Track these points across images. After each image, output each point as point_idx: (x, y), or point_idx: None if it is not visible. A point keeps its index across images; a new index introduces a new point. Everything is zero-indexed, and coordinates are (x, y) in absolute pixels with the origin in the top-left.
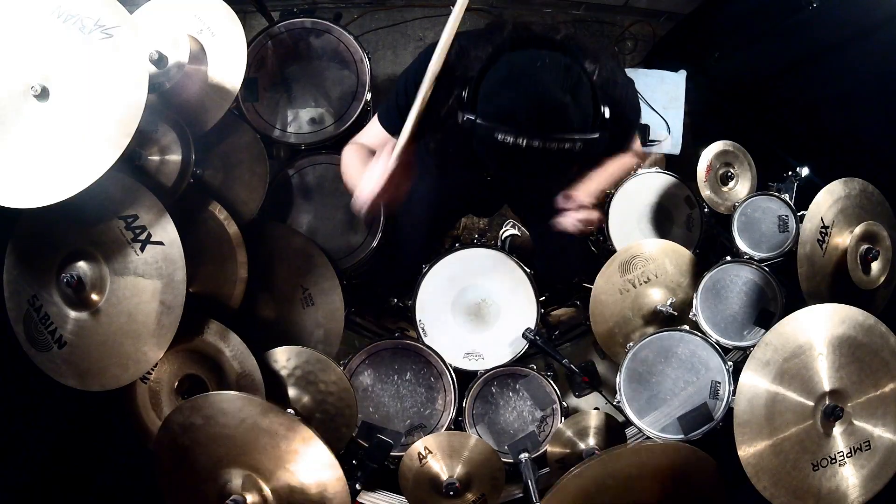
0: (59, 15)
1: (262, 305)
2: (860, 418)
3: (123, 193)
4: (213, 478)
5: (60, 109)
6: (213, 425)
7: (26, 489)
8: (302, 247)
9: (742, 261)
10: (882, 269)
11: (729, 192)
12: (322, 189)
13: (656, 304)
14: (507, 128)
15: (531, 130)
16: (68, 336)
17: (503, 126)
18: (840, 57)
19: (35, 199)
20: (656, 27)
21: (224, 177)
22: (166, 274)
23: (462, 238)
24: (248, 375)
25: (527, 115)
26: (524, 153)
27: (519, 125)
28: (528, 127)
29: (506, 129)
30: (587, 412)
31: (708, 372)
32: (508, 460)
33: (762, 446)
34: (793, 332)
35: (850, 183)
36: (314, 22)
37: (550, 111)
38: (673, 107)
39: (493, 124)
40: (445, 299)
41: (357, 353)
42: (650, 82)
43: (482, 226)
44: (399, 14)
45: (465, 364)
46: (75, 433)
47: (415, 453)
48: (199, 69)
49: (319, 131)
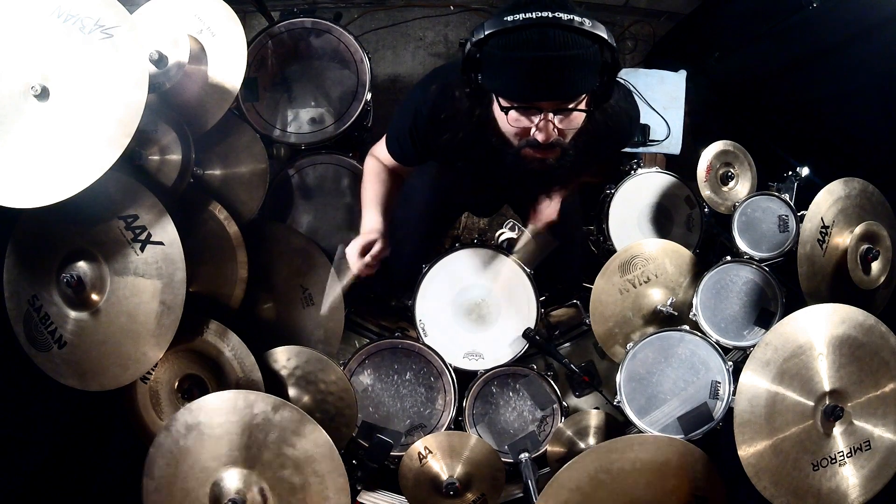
0: (59, 15)
1: (262, 305)
2: (860, 418)
3: (123, 193)
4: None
5: (60, 109)
6: (213, 425)
7: (26, 489)
8: (302, 247)
9: (742, 261)
10: (882, 269)
11: (729, 192)
12: (322, 189)
13: (656, 304)
14: (514, 11)
15: (539, 6)
16: (68, 336)
17: (510, 12)
18: (840, 57)
19: (35, 199)
20: (656, 27)
21: (224, 177)
22: (166, 274)
23: (462, 238)
24: (248, 375)
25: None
26: (538, 33)
27: (526, 5)
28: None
29: (514, 11)
30: (587, 412)
31: (708, 372)
32: (508, 460)
33: (762, 446)
34: (793, 332)
35: (850, 183)
36: (314, 22)
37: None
38: (673, 107)
39: (501, 15)
40: (445, 299)
41: (357, 353)
42: (650, 82)
43: (482, 226)
44: (399, 14)
45: (465, 364)
46: (75, 433)
47: (415, 453)
48: (199, 69)
49: (319, 131)
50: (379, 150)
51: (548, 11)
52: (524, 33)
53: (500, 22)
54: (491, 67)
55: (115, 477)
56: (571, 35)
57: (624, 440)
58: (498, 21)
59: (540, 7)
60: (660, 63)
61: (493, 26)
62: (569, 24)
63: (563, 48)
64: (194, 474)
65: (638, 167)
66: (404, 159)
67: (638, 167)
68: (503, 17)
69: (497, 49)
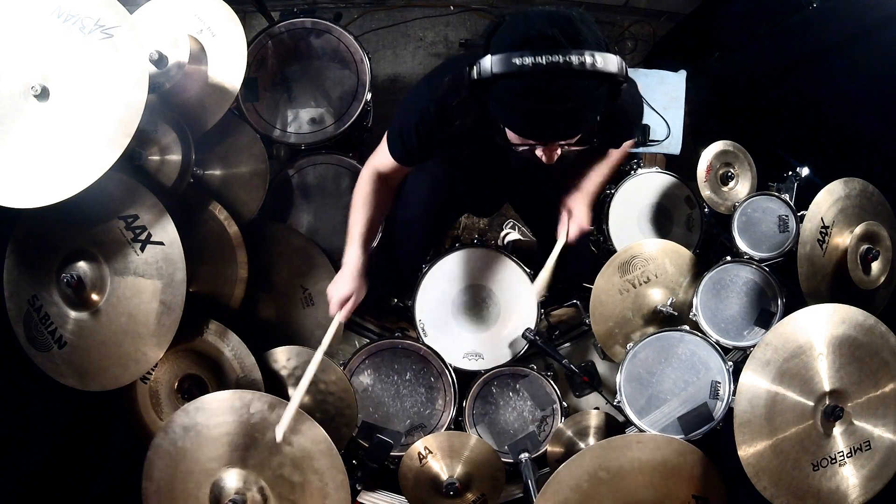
0: (59, 15)
1: (262, 305)
2: (860, 418)
3: (123, 193)
4: (211, 478)
5: (60, 109)
6: (211, 425)
7: (26, 489)
8: (302, 247)
9: (742, 261)
10: (882, 269)
11: (729, 192)
12: (322, 189)
13: (656, 304)
14: (524, 51)
15: (549, 45)
16: (68, 336)
17: (519, 51)
18: (840, 57)
19: (35, 199)
20: (656, 27)
21: (224, 177)
22: (166, 274)
23: (462, 238)
24: (248, 375)
25: (541, 31)
26: (546, 76)
27: (536, 44)
28: (545, 43)
29: (523, 52)
30: (587, 412)
31: (708, 372)
32: (508, 460)
33: (762, 446)
34: (793, 332)
35: (850, 183)
36: (314, 22)
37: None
38: (673, 107)
39: (510, 52)
40: (445, 299)
41: (357, 353)
42: (650, 82)
43: (482, 226)
44: (399, 14)
45: (465, 364)
46: (75, 433)
47: (415, 453)
48: (199, 69)
49: (319, 131)
50: (376, 158)
51: (558, 55)
52: (531, 80)
53: (507, 62)
54: (496, 102)
55: (115, 477)
56: (580, 81)
57: (622, 438)
58: (505, 61)
59: (550, 47)
60: (660, 63)
61: (500, 66)
62: (579, 69)
63: (571, 99)
64: (194, 475)
65: (638, 167)
66: (405, 158)
67: (638, 167)
68: (511, 58)
69: (503, 90)
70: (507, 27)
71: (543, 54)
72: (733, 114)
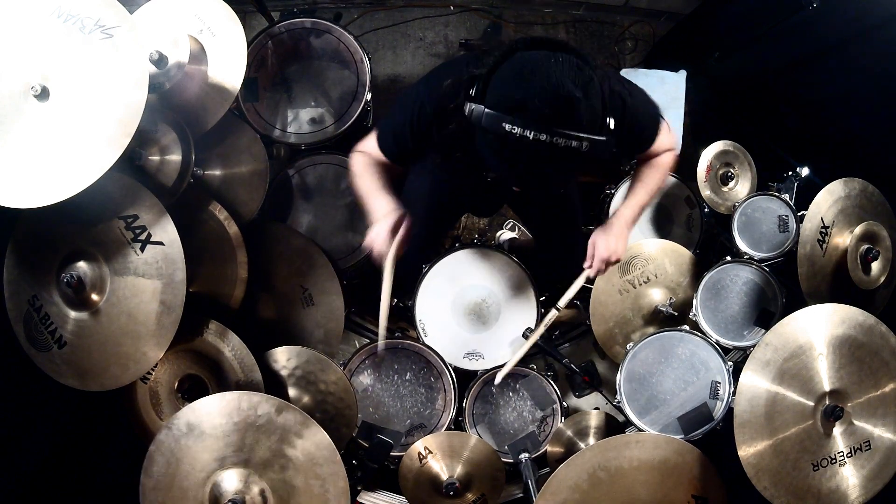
0: (59, 15)
1: (262, 305)
2: (860, 418)
3: (123, 193)
4: (211, 478)
5: (60, 109)
6: (214, 425)
7: (26, 489)
8: (302, 247)
9: (742, 261)
10: (882, 269)
11: (729, 192)
12: (322, 189)
13: (656, 304)
14: (515, 118)
15: (540, 123)
16: (68, 336)
17: (512, 116)
18: (840, 57)
19: (35, 199)
20: (656, 27)
21: (224, 177)
22: (166, 274)
23: (462, 238)
24: (248, 375)
25: (538, 106)
26: (529, 148)
27: (528, 116)
28: (537, 119)
29: (514, 119)
30: (587, 412)
31: (708, 372)
32: (508, 460)
33: (762, 446)
34: (793, 332)
35: (850, 183)
36: (314, 22)
37: (563, 104)
38: (673, 107)
39: (502, 114)
40: (445, 299)
41: (357, 353)
42: (650, 82)
43: (482, 226)
44: (399, 14)
45: (465, 364)
46: (75, 433)
47: (415, 453)
48: (199, 69)
49: (319, 131)
50: (366, 146)
51: (545, 134)
52: (514, 145)
53: (496, 123)
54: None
55: (115, 477)
56: (561, 156)
57: (622, 438)
58: (495, 121)
59: (540, 124)
60: (660, 63)
61: (489, 122)
62: (563, 149)
63: (549, 166)
64: (194, 474)
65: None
66: (396, 156)
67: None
68: (501, 121)
69: (489, 138)
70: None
71: (532, 130)
72: (733, 114)
